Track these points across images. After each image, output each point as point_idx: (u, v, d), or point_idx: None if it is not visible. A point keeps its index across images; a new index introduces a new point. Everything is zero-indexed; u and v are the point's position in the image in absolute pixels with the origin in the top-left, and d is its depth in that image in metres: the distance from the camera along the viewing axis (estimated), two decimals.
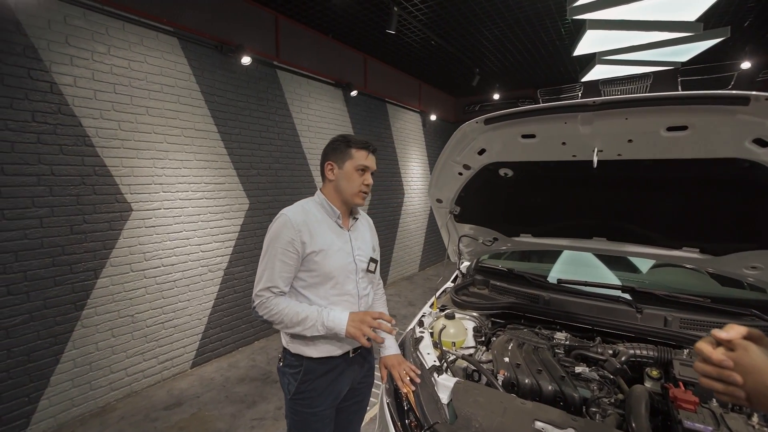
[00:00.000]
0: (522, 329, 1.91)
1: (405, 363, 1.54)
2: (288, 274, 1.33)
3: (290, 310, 1.30)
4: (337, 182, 1.40)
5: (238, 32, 3.62)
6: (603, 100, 1.16)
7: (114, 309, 2.88)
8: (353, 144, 1.38)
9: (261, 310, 1.33)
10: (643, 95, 1.11)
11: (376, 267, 1.54)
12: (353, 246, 1.45)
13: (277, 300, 1.32)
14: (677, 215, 1.54)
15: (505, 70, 6.12)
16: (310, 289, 1.37)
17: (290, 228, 1.31)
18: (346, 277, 1.41)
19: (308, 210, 1.39)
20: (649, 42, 4.36)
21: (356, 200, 1.41)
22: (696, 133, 1.15)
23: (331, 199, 1.43)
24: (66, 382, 2.66)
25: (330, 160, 1.41)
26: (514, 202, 1.91)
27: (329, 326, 1.30)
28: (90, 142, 2.70)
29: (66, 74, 2.57)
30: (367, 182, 1.40)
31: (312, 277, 1.36)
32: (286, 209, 1.36)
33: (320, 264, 1.34)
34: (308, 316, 1.30)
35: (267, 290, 1.32)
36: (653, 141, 1.23)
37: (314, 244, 1.33)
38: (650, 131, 1.20)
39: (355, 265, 1.44)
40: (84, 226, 2.70)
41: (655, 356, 1.56)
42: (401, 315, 4.93)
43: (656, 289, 1.86)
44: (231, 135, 3.64)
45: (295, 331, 1.32)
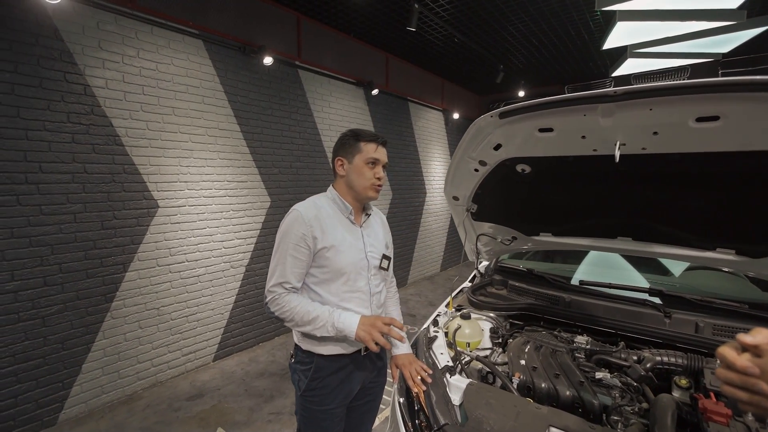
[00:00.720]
0: (540, 331, 1.84)
1: (416, 362, 1.51)
2: (300, 270, 1.32)
3: (301, 309, 1.29)
4: (348, 177, 1.38)
5: (261, 33, 3.69)
6: (625, 90, 1.10)
7: (141, 302, 3.01)
8: (362, 137, 1.37)
9: (273, 307, 1.32)
10: (669, 83, 1.03)
11: (389, 264, 1.51)
12: (365, 242, 1.43)
13: (290, 297, 1.31)
14: (710, 214, 1.43)
15: (530, 66, 5.96)
16: (321, 286, 1.36)
17: (302, 223, 1.30)
18: (358, 274, 1.39)
19: (320, 205, 1.38)
20: (686, 32, 4.12)
21: (369, 194, 1.39)
22: (729, 124, 1.06)
23: (343, 195, 1.41)
24: (96, 370, 2.79)
25: (340, 156, 1.40)
26: (532, 199, 1.84)
27: (339, 328, 1.28)
28: (120, 142, 2.83)
29: (98, 77, 2.70)
30: (378, 175, 1.38)
31: (323, 273, 1.35)
32: (298, 204, 1.36)
33: (331, 260, 1.33)
34: (319, 316, 1.29)
35: (279, 286, 1.31)
36: (681, 133, 1.15)
37: (326, 240, 1.32)
38: (678, 123, 1.12)
39: (367, 262, 1.41)
40: (114, 222, 2.83)
41: (684, 364, 1.47)
42: (421, 315, 4.88)
43: (687, 293, 1.75)
44: (253, 134, 3.72)
45: (305, 330, 1.31)
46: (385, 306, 1.62)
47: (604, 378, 1.47)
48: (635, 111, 1.14)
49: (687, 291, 1.79)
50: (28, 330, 2.47)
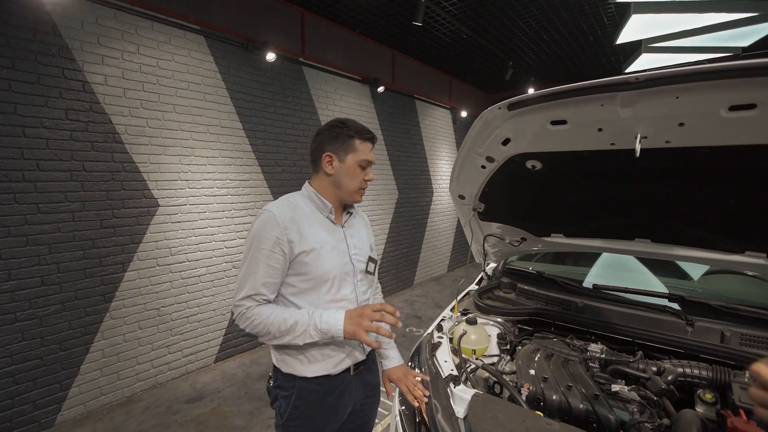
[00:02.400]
0: (551, 338, 1.74)
1: (411, 374, 1.41)
2: (274, 280, 1.16)
3: (276, 318, 1.12)
4: (336, 177, 1.23)
5: (264, 29, 3.63)
6: (648, 76, 0.99)
7: (141, 302, 2.96)
8: (356, 134, 1.21)
9: (242, 322, 1.14)
10: (699, 67, 0.92)
11: (375, 268, 1.37)
12: (349, 244, 1.28)
13: (260, 309, 1.14)
14: (739, 214, 1.31)
15: (541, 63, 5.81)
16: (301, 296, 1.20)
17: (275, 225, 1.13)
18: (343, 280, 1.24)
19: (295, 204, 1.22)
20: (704, 25, 3.95)
21: (356, 197, 1.26)
22: (766, 113, 0.95)
23: (324, 194, 1.25)
24: (95, 371, 2.75)
25: (329, 151, 1.22)
26: (543, 198, 1.73)
27: (323, 329, 1.12)
28: (119, 139, 2.78)
29: (97, 73, 2.66)
30: (368, 178, 1.24)
31: (303, 281, 1.18)
32: (270, 204, 1.20)
33: (312, 266, 1.17)
34: (298, 321, 1.12)
35: (249, 299, 1.14)
36: (711, 124, 1.04)
37: (304, 243, 1.16)
38: (707, 112, 1.01)
39: (353, 266, 1.27)
40: (113, 221, 2.78)
41: (709, 377, 1.35)
42: (427, 317, 4.78)
43: (710, 299, 1.62)
44: (256, 132, 3.65)
45: (284, 341, 1.13)
46: None
47: (620, 391, 1.36)
48: (659, 100, 1.03)
49: (710, 297, 1.67)
50: (25, 330, 2.43)
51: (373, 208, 5.16)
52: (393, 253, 5.58)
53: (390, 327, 1.42)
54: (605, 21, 4.35)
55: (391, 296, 5.57)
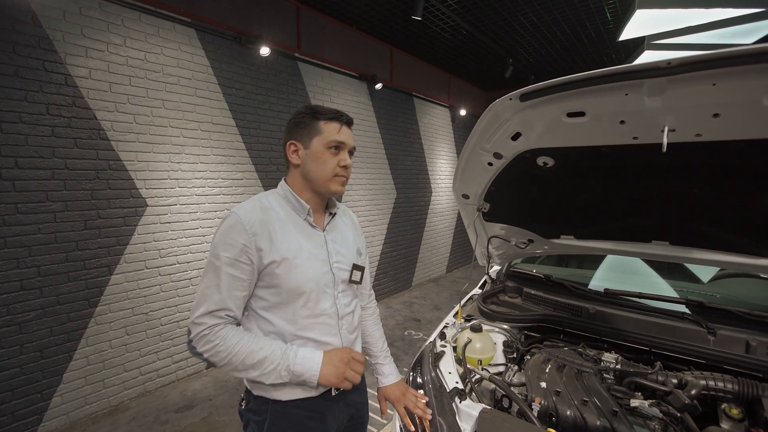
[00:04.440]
0: (562, 347, 1.63)
1: (410, 392, 1.29)
2: (240, 293, 1.00)
3: (244, 348, 0.96)
4: (304, 167, 1.08)
5: (258, 23, 3.50)
6: (682, 60, 0.88)
7: (128, 306, 2.83)
8: (321, 115, 1.06)
9: (201, 345, 0.97)
10: (741, 49, 0.82)
11: (361, 276, 1.20)
12: (330, 250, 1.12)
13: (225, 332, 0.97)
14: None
15: (541, 60, 5.72)
16: (273, 311, 1.05)
17: (241, 231, 0.99)
18: (322, 292, 1.08)
19: (267, 206, 1.07)
20: (709, 21, 3.86)
21: (332, 187, 1.08)
22: None
23: (298, 191, 1.10)
24: (79, 380, 2.62)
25: (293, 139, 1.08)
26: (554, 197, 1.62)
27: (296, 371, 0.98)
28: (105, 136, 2.65)
29: (81, 66, 2.52)
30: (344, 163, 1.08)
31: (274, 294, 1.03)
32: (238, 206, 1.05)
33: (284, 278, 1.02)
34: (268, 356, 0.97)
35: (211, 316, 0.97)
36: (750, 114, 0.93)
37: (275, 252, 1.01)
38: (748, 100, 0.90)
39: (333, 276, 1.11)
40: (98, 222, 2.65)
41: (735, 390, 1.25)
42: (426, 319, 4.67)
43: (732, 306, 1.52)
44: (250, 129, 3.53)
45: (248, 376, 0.98)
46: (362, 328, 1.32)
47: (640, 406, 1.25)
48: (693, 87, 0.92)
49: (730, 303, 1.57)
50: (3, 337, 2.29)
51: (370, 208, 5.05)
52: (391, 254, 5.47)
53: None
54: (608, 16, 4.25)
55: (389, 298, 5.46)
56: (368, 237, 5.07)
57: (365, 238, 4.96)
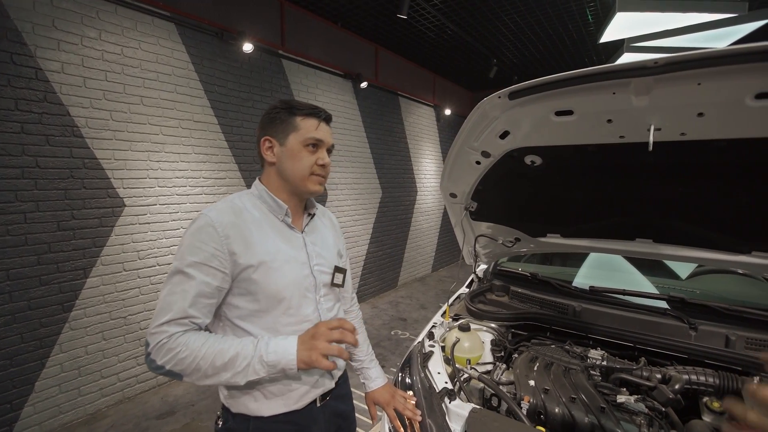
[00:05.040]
0: (549, 344, 1.64)
1: (398, 394, 1.27)
2: (209, 300, 0.92)
3: (211, 349, 0.87)
4: (280, 165, 1.01)
5: (241, 19, 3.42)
6: (668, 59, 0.89)
7: (105, 310, 2.72)
8: (297, 110, 1.01)
9: (160, 356, 0.85)
10: (726, 49, 0.83)
11: (343, 279, 1.15)
12: (309, 253, 1.06)
13: (187, 337, 0.87)
14: (751, 212, 1.24)
15: (525, 61, 5.79)
16: (250, 320, 0.97)
17: (212, 234, 0.91)
18: (303, 297, 1.02)
19: (241, 207, 0.99)
20: (685, 25, 3.99)
21: (310, 186, 1.02)
22: None
23: (274, 190, 1.04)
24: (52, 388, 2.50)
25: (268, 136, 1.01)
26: (541, 196, 1.63)
27: (271, 360, 0.89)
28: (79, 133, 2.54)
29: (53, 60, 2.41)
30: (322, 162, 1.02)
31: (251, 302, 0.96)
32: (209, 208, 0.97)
33: (261, 283, 0.95)
34: (239, 352, 0.88)
35: (173, 324, 0.87)
36: (733, 114, 0.95)
37: (250, 256, 0.94)
38: (731, 100, 0.92)
39: (314, 279, 1.05)
40: (72, 222, 2.53)
41: (716, 384, 1.28)
42: (412, 318, 4.67)
43: (712, 301, 1.56)
44: (232, 127, 3.45)
45: (220, 380, 0.88)
46: None
47: (627, 402, 1.27)
48: (679, 86, 0.93)
49: (710, 298, 1.61)
50: None
51: (355, 208, 5.02)
52: (376, 254, 5.45)
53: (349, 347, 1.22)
54: (589, 18, 4.34)
55: (375, 298, 5.44)
56: (354, 237, 5.04)
57: (349, 239, 4.97)
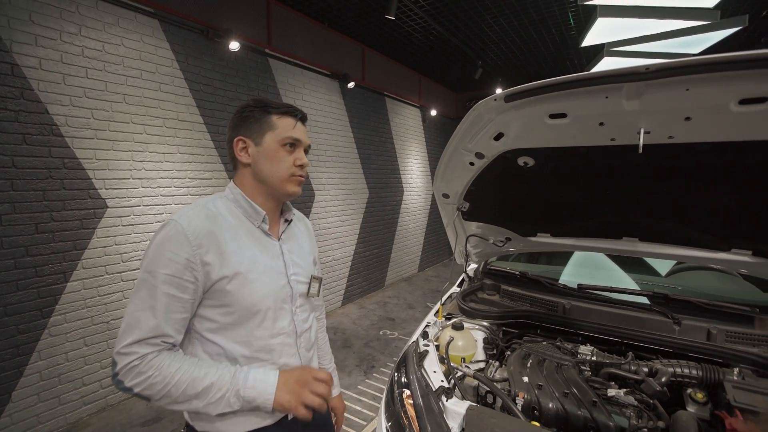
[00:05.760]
0: (540, 341, 1.68)
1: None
2: (181, 315, 0.86)
3: (185, 375, 0.82)
4: (256, 166, 0.96)
5: (226, 16, 3.37)
6: (659, 65, 0.93)
7: (87, 315, 2.63)
8: (273, 109, 0.96)
9: (130, 379, 0.80)
10: (713, 57, 0.87)
11: (319, 288, 1.10)
12: (287, 261, 1.01)
13: (160, 360, 0.82)
14: (731, 212, 1.31)
15: (508, 63, 5.89)
16: (222, 333, 0.91)
17: (183, 243, 0.85)
18: (279, 309, 0.97)
19: (215, 213, 0.93)
20: (662, 32, 4.14)
21: (289, 188, 0.98)
22: None
23: (251, 194, 0.98)
24: (31, 397, 2.40)
25: (241, 136, 0.96)
26: (533, 196, 1.67)
27: (248, 396, 0.85)
28: (58, 132, 2.44)
29: (30, 55, 2.31)
30: (300, 162, 0.98)
31: (225, 314, 0.90)
32: (180, 212, 0.90)
33: (236, 295, 0.89)
34: (215, 383, 0.84)
35: (143, 344, 0.82)
36: (718, 118, 1.00)
37: (226, 266, 0.88)
38: (716, 105, 0.96)
39: (291, 290, 1.01)
40: (51, 225, 2.44)
41: (699, 376, 1.34)
42: (400, 318, 4.69)
43: (693, 297, 1.63)
44: (218, 127, 3.38)
45: (190, 408, 0.84)
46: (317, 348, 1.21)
47: (617, 395, 1.31)
48: (668, 91, 0.98)
49: (691, 294, 1.68)
50: None
51: (343, 208, 5.00)
52: (364, 254, 5.44)
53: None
54: (571, 21, 4.45)
55: (363, 298, 5.44)
56: (341, 237, 5.02)
57: (336, 239, 4.95)
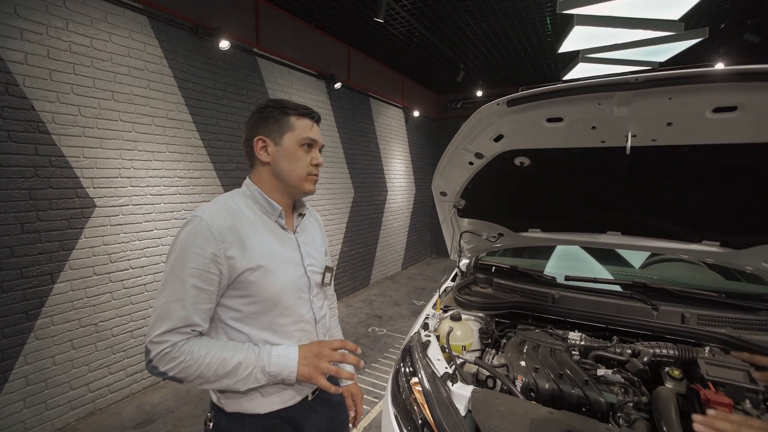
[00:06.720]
0: (533, 330, 1.80)
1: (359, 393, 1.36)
2: (207, 305, 0.93)
3: (214, 357, 0.90)
4: (275, 164, 1.01)
5: (215, 15, 3.35)
6: (647, 77, 1.05)
7: (74, 317, 2.56)
8: (291, 110, 1.02)
9: (164, 364, 0.87)
10: (692, 71, 1.00)
11: (331, 277, 1.18)
12: (303, 253, 1.08)
13: (190, 345, 0.89)
14: (703, 207, 1.46)
15: (488, 66, 6.09)
16: (247, 322, 0.98)
17: (209, 238, 0.90)
18: (298, 298, 1.04)
19: (236, 209, 0.99)
20: (632, 40, 4.42)
21: (305, 186, 1.05)
22: (745, 115, 1.06)
23: (268, 191, 1.03)
24: (16, 403, 2.33)
25: (261, 135, 1.01)
26: (526, 194, 1.79)
27: (273, 371, 0.93)
28: (45, 129, 2.38)
29: (15, 50, 2.25)
30: (316, 161, 1.04)
31: (248, 304, 0.97)
32: (202, 209, 0.95)
33: (259, 285, 0.96)
34: (242, 362, 0.91)
35: (175, 333, 0.88)
36: (695, 124, 1.13)
37: (249, 259, 0.94)
38: (694, 113, 1.10)
39: (308, 279, 1.07)
40: (38, 225, 2.37)
41: (675, 355, 1.49)
42: (387, 315, 4.77)
43: (668, 285, 1.80)
44: (207, 126, 3.36)
45: (221, 385, 0.92)
46: (330, 335, 1.31)
47: (605, 375, 1.44)
48: (653, 100, 1.10)
49: (667, 283, 1.85)
50: None
51: (329, 207, 5.04)
52: (349, 253, 5.50)
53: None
54: (549, 30, 4.67)
55: (349, 297, 5.49)
56: (328, 236, 5.05)
57: None
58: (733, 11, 4.17)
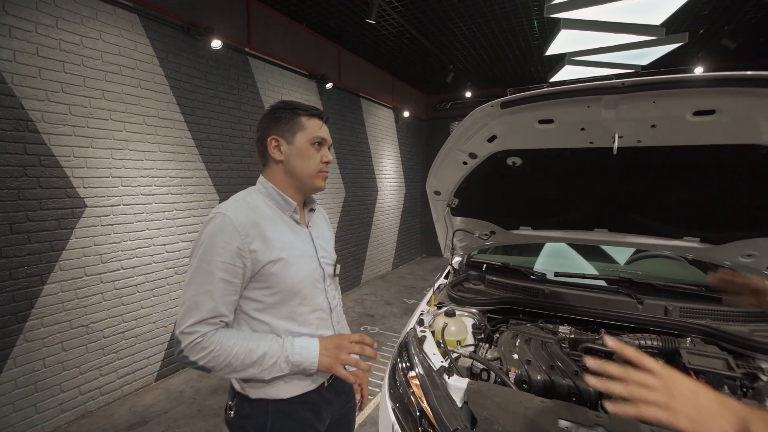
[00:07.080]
0: (525, 324, 1.86)
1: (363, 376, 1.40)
2: (234, 297, 0.99)
3: (241, 347, 0.96)
4: (288, 162, 1.08)
5: (207, 14, 3.33)
6: (632, 82, 1.11)
7: (65, 319, 2.53)
8: (301, 111, 1.08)
9: (195, 353, 0.93)
10: (674, 76, 1.07)
11: (339, 269, 1.27)
12: (316, 246, 1.15)
13: (219, 336, 0.95)
14: (684, 204, 1.54)
15: (477, 68, 6.18)
16: (268, 312, 1.04)
17: (234, 233, 0.96)
18: (314, 288, 1.10)
19: (255, 205, 1.05)
20: (617, 44, 4.55)
21: (317, 183, 1.11)
22: (722, 118, 1.13)
23: (281, 187, 1.10)
24: (6, 406, 2.29)
25: (274, 135, 1.07)
26: (518, 193, 1.85)
27: (296, 361, 1.00)
28: (34, 128, 2.35)
29: (3, 47, 2.21)
30: (326, 159, 1.11)
31: (270, 295, 1.02)
32: (224, 206, 1.01)
33: (280, 277, 1.01)
34: (267, 352, 0.97)
35: (205, 323, 0.94)
36: (677, 126, 1.20)
37: (270, 252, 1.00)
38: (676, 116, 1.17)
39: (323, 271, 1.14)
40: (27, 225, 2.34)
41: (659, 346, 1.56)
42: (379, 314, 4.81)
43: (652, 280, 1.88)
44: (199, 125, 3.34)
45: (247, 374, 0.98)
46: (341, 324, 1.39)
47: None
48: (639, 103, 1.17)
49: (651, 278, 1.93)
50: None
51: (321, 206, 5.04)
52: (341, 253, 5.51)
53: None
54: (536, 33, 4.77)
55: (341, 296, 5.50)
56: None
57: None
58: (711, 17, 4.34)
